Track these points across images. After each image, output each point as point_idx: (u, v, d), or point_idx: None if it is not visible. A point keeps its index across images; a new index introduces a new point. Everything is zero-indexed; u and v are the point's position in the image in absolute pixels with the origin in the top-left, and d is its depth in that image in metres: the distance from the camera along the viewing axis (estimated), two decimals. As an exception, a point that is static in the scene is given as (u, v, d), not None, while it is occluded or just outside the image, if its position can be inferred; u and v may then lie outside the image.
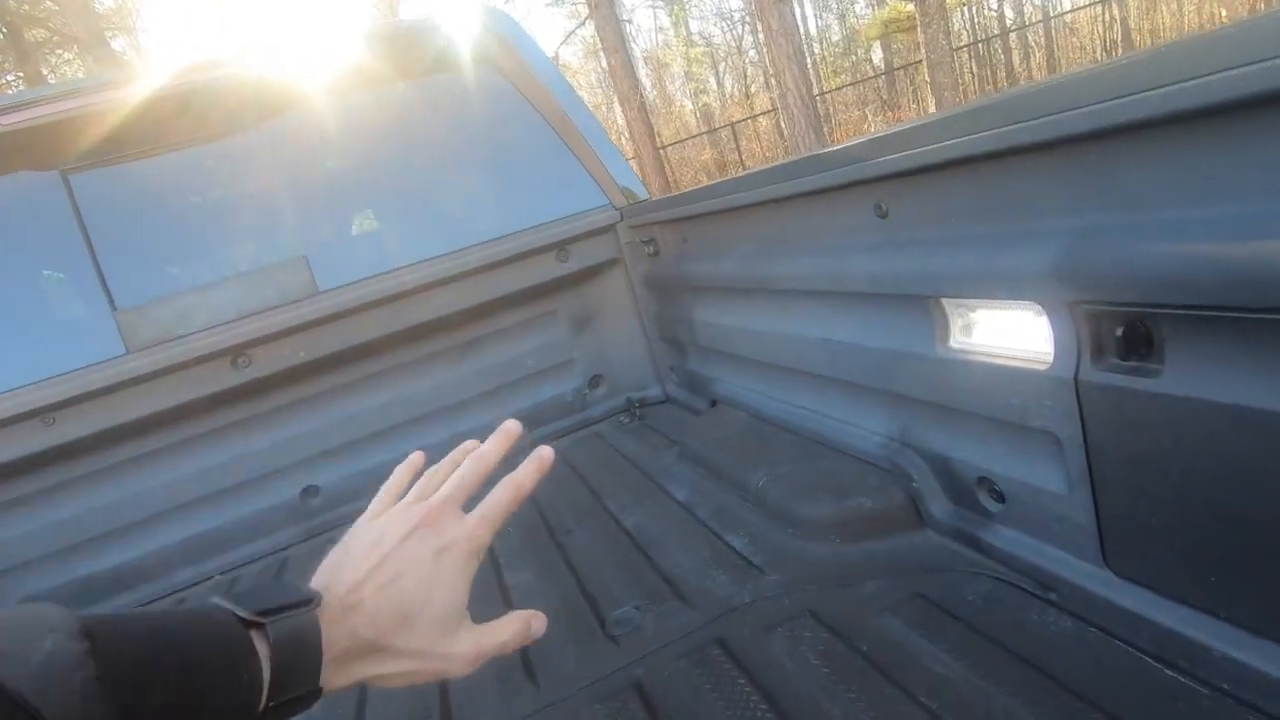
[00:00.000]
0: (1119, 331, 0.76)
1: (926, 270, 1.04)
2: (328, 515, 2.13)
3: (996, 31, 23.98)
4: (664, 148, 17.98)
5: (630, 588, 1.31)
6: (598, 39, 11.08)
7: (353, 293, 2.00)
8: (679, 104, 33.89)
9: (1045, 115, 0.75)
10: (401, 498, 0.59)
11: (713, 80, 34.54)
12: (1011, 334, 0.96)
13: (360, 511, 0.59)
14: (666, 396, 2.39)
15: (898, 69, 21.52)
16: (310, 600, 0.48)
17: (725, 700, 0.94)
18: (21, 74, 13.53)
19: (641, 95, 11.76)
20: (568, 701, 1.05)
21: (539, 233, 2.17)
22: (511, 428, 0.60)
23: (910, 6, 11.39)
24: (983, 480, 1.07)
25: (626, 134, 12.81)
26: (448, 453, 0.70)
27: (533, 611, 0.58)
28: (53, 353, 1.82)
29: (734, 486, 1.53)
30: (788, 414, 1.64)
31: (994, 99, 0.88)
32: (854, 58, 28.69)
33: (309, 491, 2.13)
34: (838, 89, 21.87)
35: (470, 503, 0.59)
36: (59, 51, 15.73)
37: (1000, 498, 1.05)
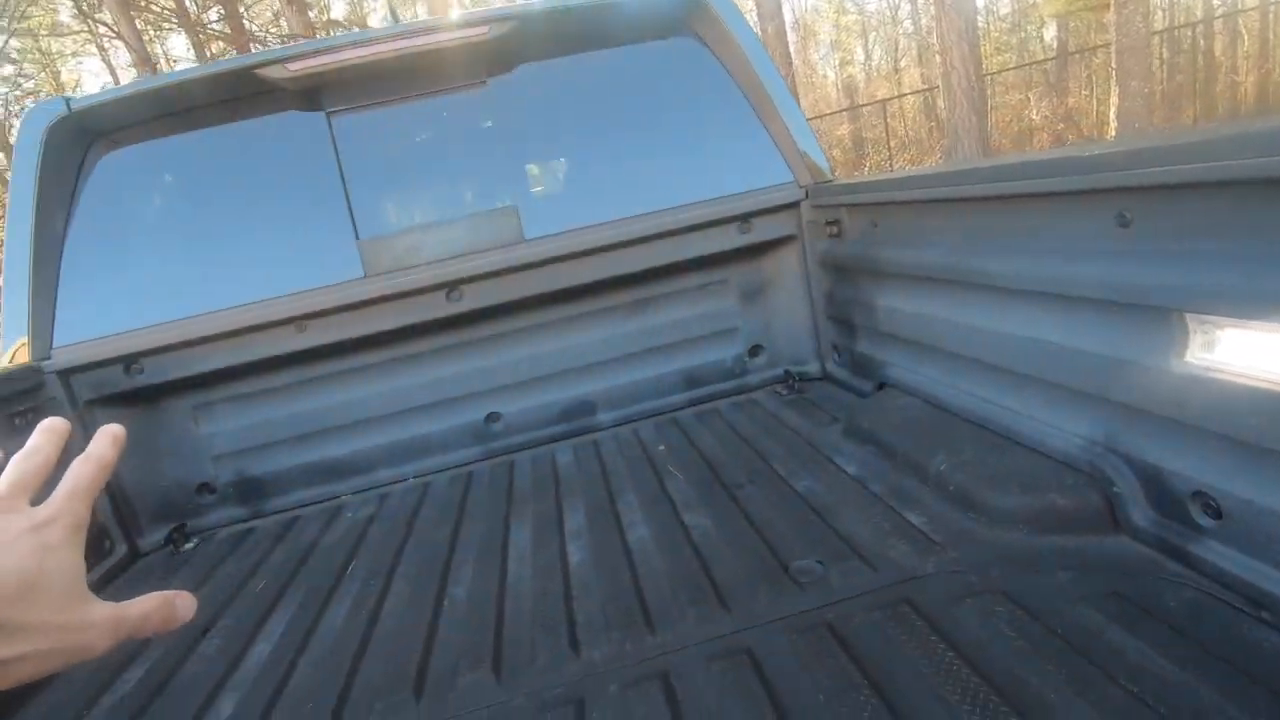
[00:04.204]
0: None
1: (1172, 284, 1.05)
2: (505, 440, 2.37)
3: (1199, 15, 21.30)
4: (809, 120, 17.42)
5: (809, 543, 1.42)
6: (755, 4, 10.85)
7: (554, 244, 2.19)
8: (821, 74, 32.56)
9: None
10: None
11: (860, 51, 32.88)
12: (1262, 355, 0.97)
13: (533, 441, 0.63)
14: (825, 374, 2.46)
15: (1074, 52, 19.62)
16: None
17: (922, 652, 1.04)
18: (223, 10, 15.02)
19: (791, 67, 11.45)
20: (761, 630, 1.18)
21: (725, 204, 2.27)
22: (59, 425, 0.54)
23: (1104, -17, 10.35)
24: (1198, 495, 1.09)
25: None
26: (622, 401, 0.73)
27: (177, 592, 0.53)
28: (306, 270, 2.13)
29: (910, 467, 1.60)
30: (970, 405, 1.67)
31: (1258, 127, 0.89)
32: (1022, 34, 26.40)
33: (491, 417, 2.38)
34: (998, 72, 20.22)
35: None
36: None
37: (1217, 514, 1.07)
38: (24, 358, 1.99)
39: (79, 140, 2.05)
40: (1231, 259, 0.97)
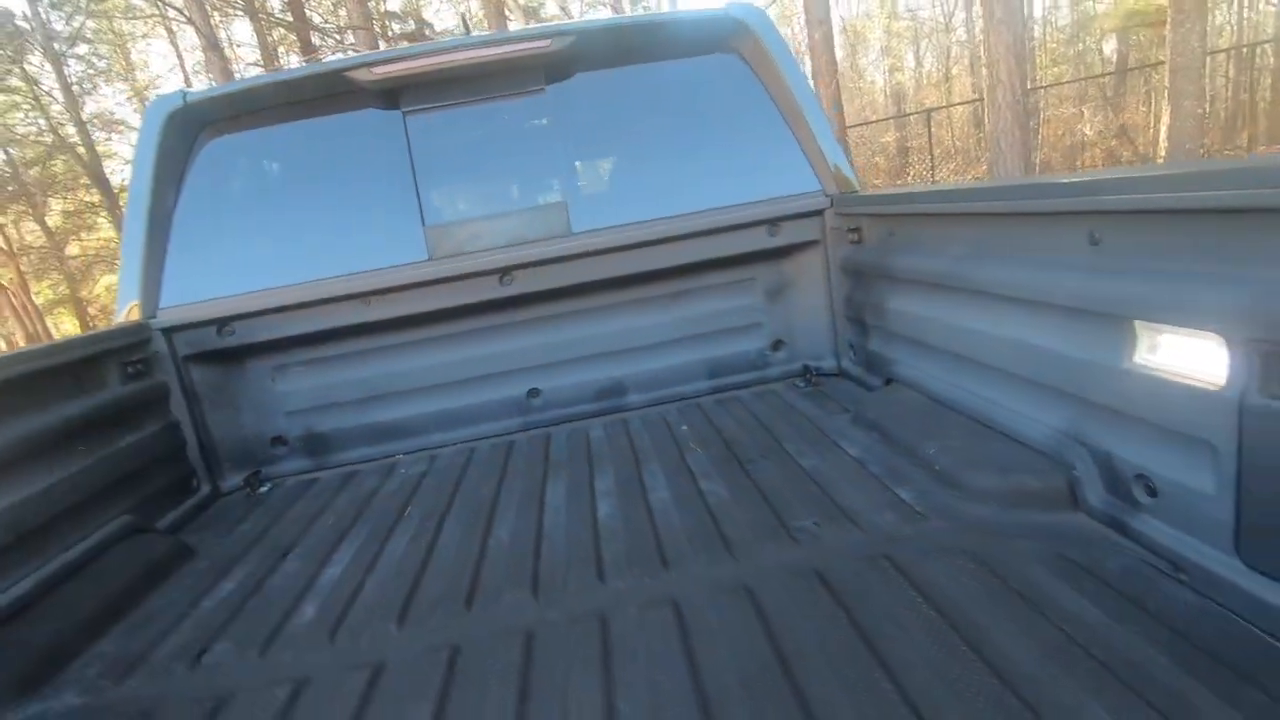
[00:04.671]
0: None
1: (1129, 296, 1.24)
2: (544, 414, 2.62)
3: (1270, 33, 20.65)
4: (853, 126, 17.40)
5: (808, 508, 1.62)
6: (804, 9, 10.95)
7: (598, 238, 2.42)
8: (870, 78, 32.28)
9: (1261, 187, 0.94)
10: None
11: (911, 57, 32.47)
12: (1191, 358, 1.15)
13: (569, 416, 0.76)
14: (840, 370, 2.65)
15: (1133, 68, 19.20)
16: None
17: (891, 594, 1.24)
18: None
19: (837, 73, 11.52)
20: (760, 573, 1.39)
21: (756, 208, 2.47)
22: None
23: (1163, -1, 10.21)
24: (1139, 476, 1.27)
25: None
26: (652, 384, 0.91)
27: None
28: (377, 250, 2.40)
29: (905, 451, 1.79)
30: (963, 398, 1.86)
31: (1213, 165, 1.07)
32: (1080, 46, 25.84)
33: (533, 393, 2.62)
34: (1052, 85, 19.86)
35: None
36: None
37: (1153, 492, 1.25)
38: (134, 314, 2.30)
39: (190, 128, 2.34)
40: (1174, 276, 1.16)
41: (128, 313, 2.27)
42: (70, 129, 17.96)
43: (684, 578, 1.43)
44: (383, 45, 14.00)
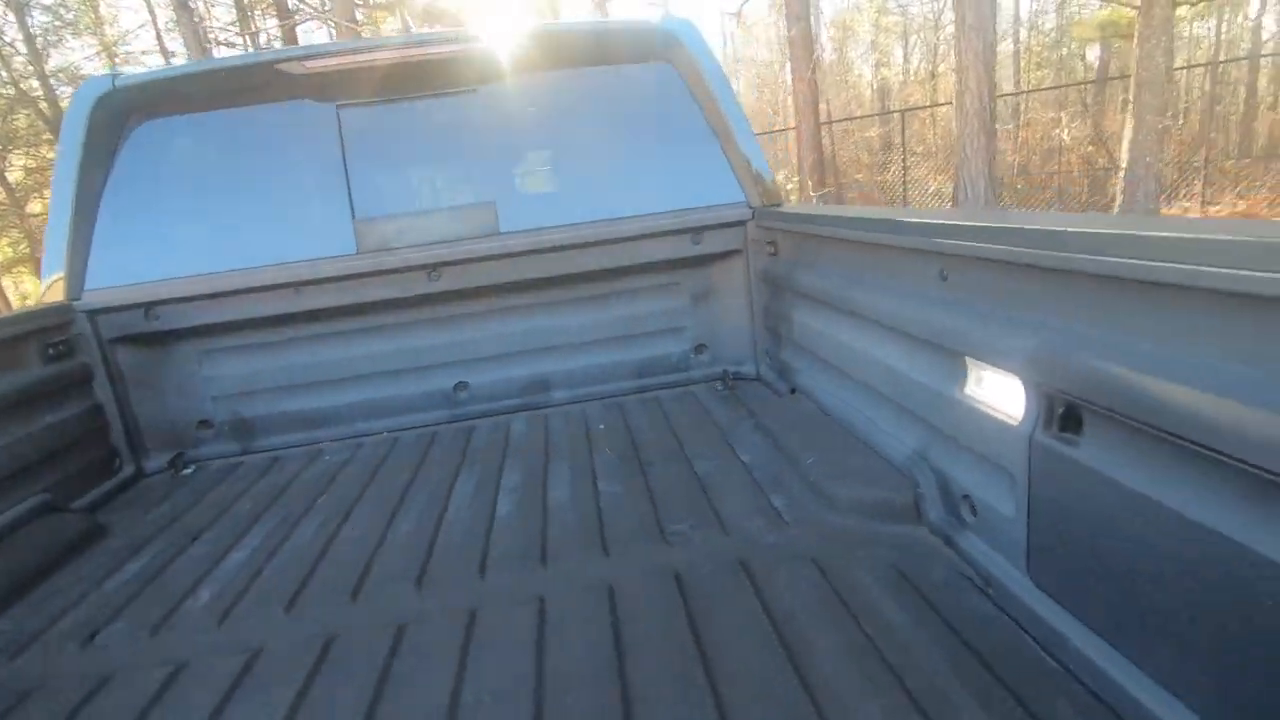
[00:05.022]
0: (1060, 410, 1.07)
1: (963, 332, 1.35)
2: (470, 407, 2.69)
3: (1245, 48, 21.08)
4: (829, 123, 17.47)
5: (689, 512, 1.73)
6: (784, 5, 10.98)
7: (526, 239, 2.49)
8: (858, 72, 32.33)
9: (1063, 250, 1.04)
10: None
11: (899, 53, 32.53)
12: (1002, 395, 1.26)
13: (494, 410, 0.86)
14: (758, 375, 2.75)
15: (1114, 77, 19.47)
16: None
17: (734, 597, 1.35)
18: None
19: (815, 68, 11.59)
20: (630, 571, 1.50)
21: (681, 216, 2.56)
22: None
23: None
24: (965, 497, 1.39)
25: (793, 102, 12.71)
26: (577, 382, 1.03)
27: None
28: (307, 241, 2.44)
29: (789, 459, 1.90)
30: (846, 412, 1.97)
31: (1032, 223, 1.17)
32: (1064, 51, 26.09)
33: (460, 386, 2.69)
34: (1031, 90, 20.06)
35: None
36: None
37: (974, 512, 1.37)
38: (58, 291, 2.32)
39: (121, 112, 2.36)
40: (994, 318, 1.27)
41: (49, 286, 2.30)
42: (34, 83, 17.43)
43: (557, 575, 1.53)
44: (360, 15, 13.75)
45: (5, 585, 1.68)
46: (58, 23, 20.05)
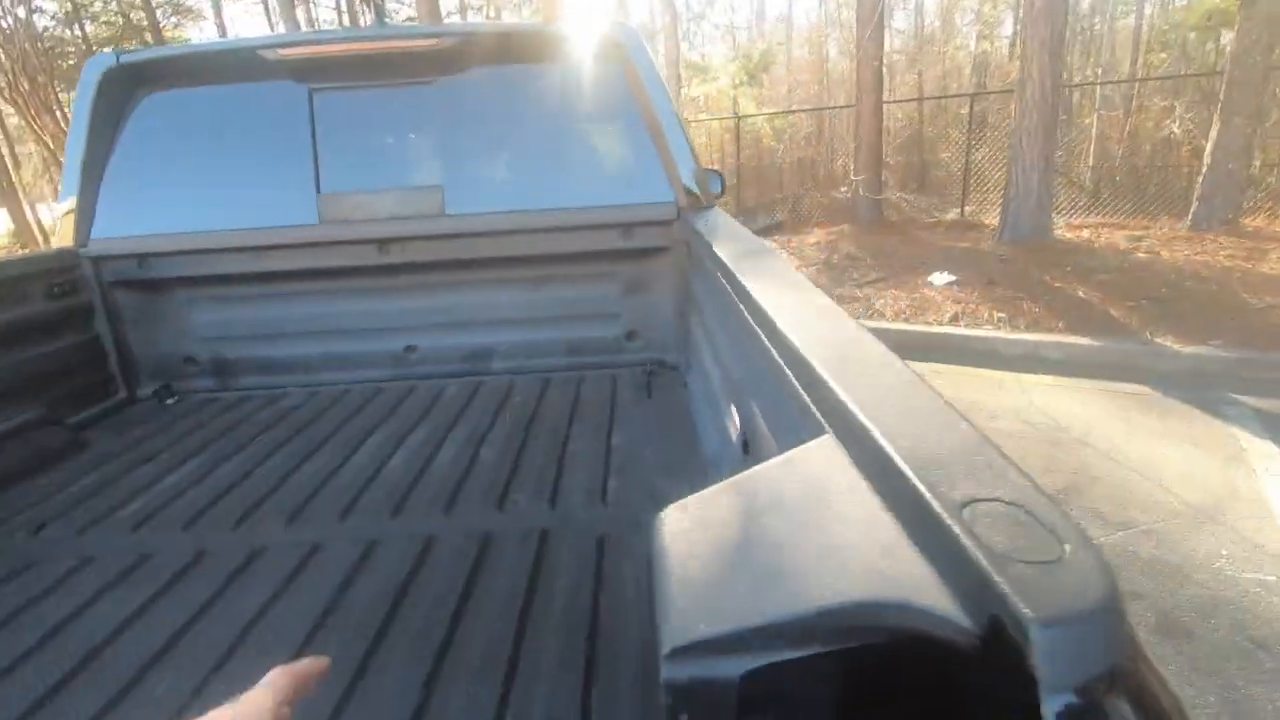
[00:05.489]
0: None
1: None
2: (416, 368, 2.99)
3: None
4: (890, 102, 16.78)
5: (536, 485, 1.97)
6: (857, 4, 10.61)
7: (471, 221, 2.73)
8: (958, 42, 30.50)
9: None
10: None
11: (1010, 24, 30.46)
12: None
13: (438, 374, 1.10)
14: (678, 365, 2.94)
15: (1196, 75, 17.83)
16: None
17: (512, 564, 1.60)
18: None
19: (881, 52, 11.20)
20: (455, 530, 1.76)
21: (616, 211, 2.74)
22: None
23: None
24: None
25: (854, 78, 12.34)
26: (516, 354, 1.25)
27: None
28: (274, 209, 2.75)
29: (645, 445, 2.11)
30: (701, 407, 2.17)
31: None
32: (1190, 35, 23.95)
33: (409, 349, 2.99)
34: (1148, 79, 18.51)
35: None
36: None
37: None
38: (69, 223, 2.71)
39: (125, 85, 2.70)
40: None
41: (64, 213, 2.70)
42: (140, 14, 18.57)
43: (397, 525, 1.81)
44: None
45: None
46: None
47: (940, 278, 8.01)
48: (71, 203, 2.68)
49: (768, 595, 0.46)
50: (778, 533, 0.52)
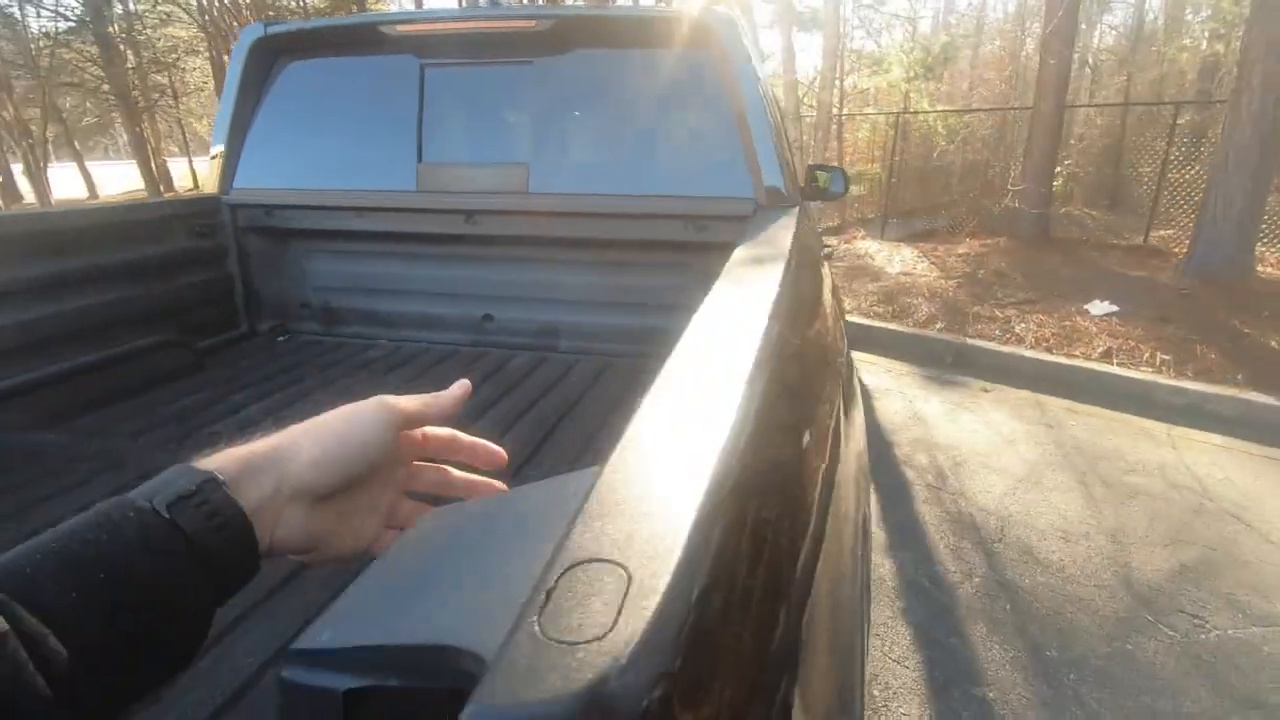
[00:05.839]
0: None
1: None
2: (493, 336, 3.14)
3: None
4: (1072, 106, 15.04)
5: (511, 458, 2.01)
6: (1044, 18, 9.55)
7: (550, 200, 2.80)
8: (1189, 41, 26.65)
9: None
10: None
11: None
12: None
13: (510, 344, 1.21)
14: None
15: None
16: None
17: None
18: None
19: (1071, 49, 10.04)
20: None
21: (692, 202, 2.69)
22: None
23: None
24: None
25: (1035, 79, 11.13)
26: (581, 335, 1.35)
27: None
28: (382, 173, 2.97)
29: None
30: None
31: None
32: None
33: (487, 318, 3.14)
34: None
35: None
36: None
37: None
38: (217, 167, 3.09)
39: (270, 53, 3.02)
40: None
41: (215, 155, 3.10)
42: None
43: None
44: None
45: (117, 392, 2.46)
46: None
47: (1099, 307, 7.13)
48: (220, 152, 3.06)
49: (393, 620, 0.45)
50: (460, 562, 0.51)
